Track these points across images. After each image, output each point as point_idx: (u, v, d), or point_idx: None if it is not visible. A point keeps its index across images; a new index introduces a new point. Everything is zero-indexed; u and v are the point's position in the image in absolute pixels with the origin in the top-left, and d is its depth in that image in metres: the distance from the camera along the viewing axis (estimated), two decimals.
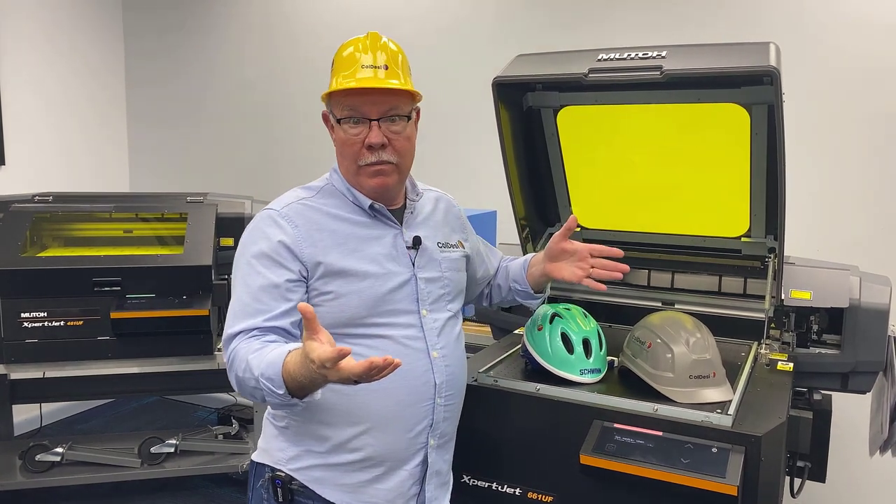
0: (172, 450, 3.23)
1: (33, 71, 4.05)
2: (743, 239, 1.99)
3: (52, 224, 3.14)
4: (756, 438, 1.39)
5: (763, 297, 1.91)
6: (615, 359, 1.76)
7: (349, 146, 1.44)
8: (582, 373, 1.66)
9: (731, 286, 2.04)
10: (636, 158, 1.98)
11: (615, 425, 1.50)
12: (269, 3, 4.08)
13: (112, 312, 2.80)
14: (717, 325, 1.77)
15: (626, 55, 1.75)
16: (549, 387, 1.62)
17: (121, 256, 2.93)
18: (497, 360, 1.83)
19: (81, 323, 2.83)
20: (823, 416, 1.87)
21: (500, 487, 1.63)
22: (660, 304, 2.08)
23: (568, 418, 1.55)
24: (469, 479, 1.67)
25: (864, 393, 1.97)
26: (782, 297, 1.92)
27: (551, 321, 1.71)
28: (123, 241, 3.17)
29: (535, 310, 1.82)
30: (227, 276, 2.90)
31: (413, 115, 1.49)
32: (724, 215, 1.98)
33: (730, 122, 1.79)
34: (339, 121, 1.44)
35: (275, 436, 1.50)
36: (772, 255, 1.93)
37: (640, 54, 1.73)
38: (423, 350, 1.47)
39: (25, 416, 3.78)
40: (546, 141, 2.07)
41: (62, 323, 2.82)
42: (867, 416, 2.14)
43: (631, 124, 1.93)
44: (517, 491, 1.61)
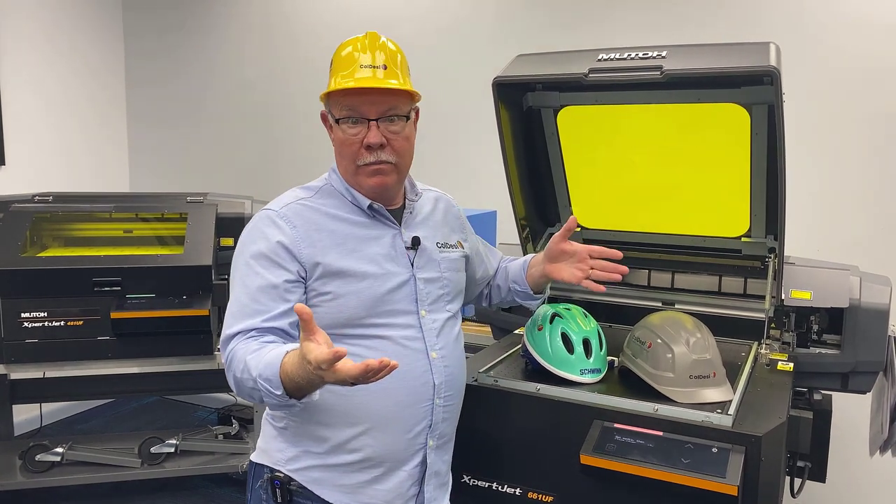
0: (172, 450, 3.23)
1: (33, 71, 4.05)
2: (743, 239, 1.99)
3: (52, 224, 3.14)
4: (756, 438, 1.38)
5: (763, 297, 1.91)
6: (615, 359, 1.76)
7: (348, 146, 1.44)
8: (582, 373, 1.66)
9: (732, 286, 2.04)
10: (636, 158, 1.98)
11: (615, 425, 1.50)
12: (269, 3, 4.08)
13: (112, 312, 2.80)
14: (717, 325, 1.77)
15: (626, 55, 1.75)
16: (550, 387, 1.61)
17: (121, 256, 2.93)
18: (497, 360, 1.83)
19: (81, 323, 2.83)
20: (823, 416, 1.87)
21: (500, 487, 1.63)
22: (660, 304, 2.08)
23: (568, 418, 1.55)
24: (469, 479, 1.67)
25: (865, 393, 1.97)
26: (782, 297, 1.92)
27: (551, 321, 1.71)
28: (123, 241, 3.17)
29: (535, 310, 1.82)
30: (226, 276, 2.84)
31: (412, 115, 1.48)
32: (725, 215, 1.98)
33: (730, 122, 1.79)
34: (337, 121, 1.44)
35: (274, 436, 1.50)
36: (772, 255, 1.93)
37: (640, 54, 1.73)
38: (422, 350, 1.47)
39: (25, 416, 3.78)
40: (546, 141, 2.07)
41: (62, 323, 2.82)
42: (867, 416, 2.14)
43: (631, 124, 1.93)
44: (517, 491, 1.61)
